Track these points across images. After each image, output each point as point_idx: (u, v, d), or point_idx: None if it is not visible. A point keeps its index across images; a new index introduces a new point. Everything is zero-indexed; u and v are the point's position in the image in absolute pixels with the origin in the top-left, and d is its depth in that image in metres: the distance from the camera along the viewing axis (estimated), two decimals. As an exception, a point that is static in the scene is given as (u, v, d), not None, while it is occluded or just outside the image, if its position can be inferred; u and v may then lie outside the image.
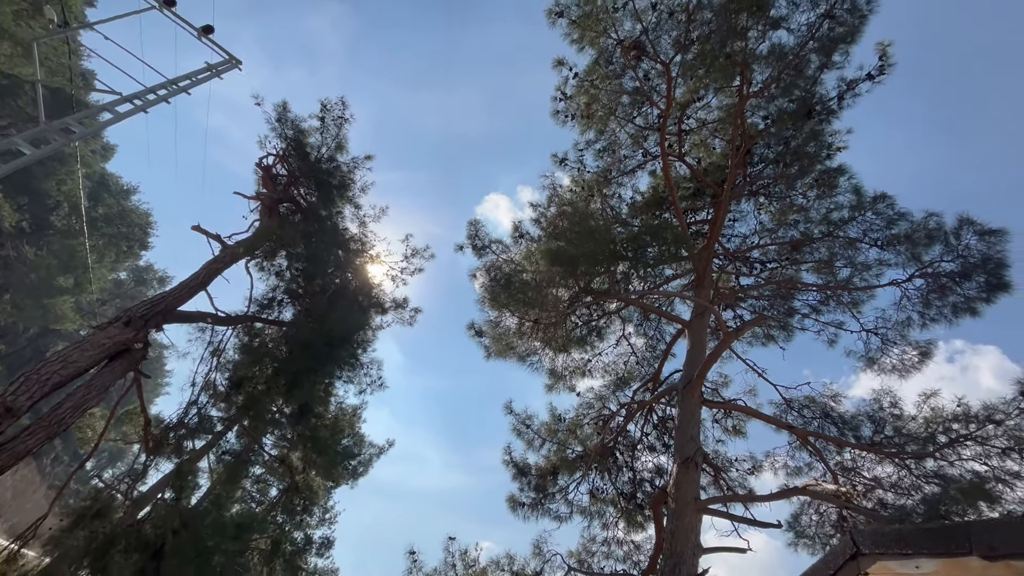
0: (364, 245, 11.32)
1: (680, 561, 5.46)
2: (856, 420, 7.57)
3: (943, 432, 6.66)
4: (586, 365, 9.47)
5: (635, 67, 7.44)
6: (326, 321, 9.59)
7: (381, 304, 11.79)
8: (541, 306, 5.94)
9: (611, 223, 7.82)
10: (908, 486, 6.96)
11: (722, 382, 9.45)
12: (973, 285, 6.39)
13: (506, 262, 7.66)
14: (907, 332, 7.11)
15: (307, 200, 10.68)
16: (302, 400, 9.80)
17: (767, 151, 8.75)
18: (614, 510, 8.90)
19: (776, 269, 9.32)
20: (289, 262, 9.85)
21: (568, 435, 8.67)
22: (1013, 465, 6.30)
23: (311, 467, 12.25)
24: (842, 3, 6.01)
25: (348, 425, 12.88)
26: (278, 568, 12.01)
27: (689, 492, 5.92)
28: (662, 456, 8.98)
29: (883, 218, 7.33)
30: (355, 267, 11.29)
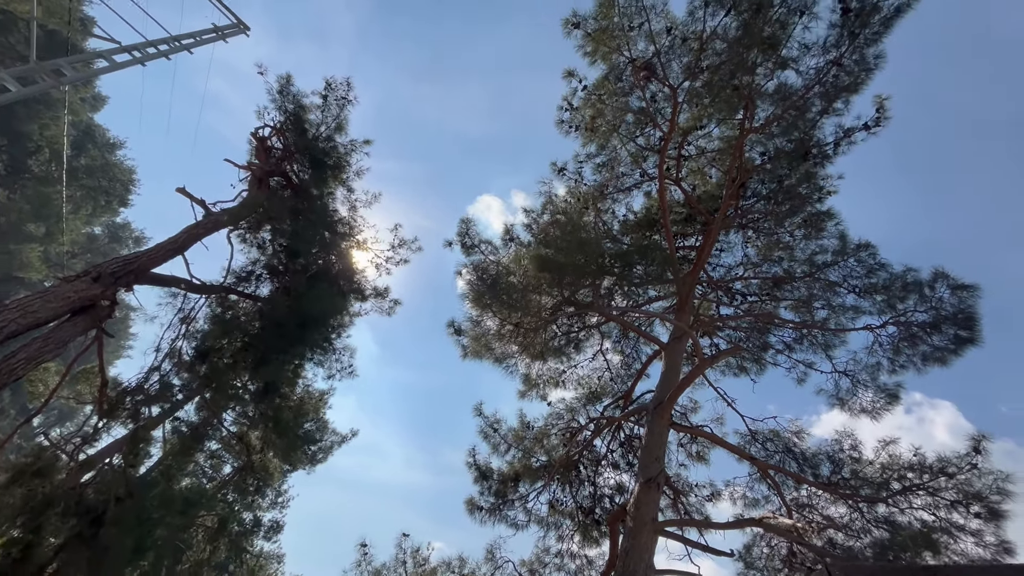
0: (352, 229, 11.17)
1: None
2: (816, 458, 7.72)
3: (897, 479, 6.84)
4: (560, 375, 9.48)
5: (644, 87, 7.52)
6: (304, 301, 9.42)
7: (362, 291, 11.64)
8: (524, 311, 5.92)
9: (602, 237, 7.87)
10: (858, 528, 7.11)
11: (692, 407, 9.55)
12: (943, 336, 6.59)
13: (493, 263, 7.63)
14: (877, 376, 7.29)
15: (299, 177, 10.50)
16: (269, 378, 9.59)
17: (761, 187, 8.91)
18: (571, 523, 8.89)
19: (756, 302, 9.49)
20: (273, 237, 9.66)
21: (535, 443, 8.65)
22: (959, 518, 6.48)
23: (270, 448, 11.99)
24: (851, 54, 6.17)
25: (313, 409, 12.64)
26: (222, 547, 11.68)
27: (648, 513, 5.94)
28: (625, 474, 9.02)
29: (864, 266, 7.52)
30: (340, 250, 11.14)
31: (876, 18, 5.87)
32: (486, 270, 6.74)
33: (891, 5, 5.77)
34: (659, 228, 9.13)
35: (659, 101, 7.82)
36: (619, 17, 6.95)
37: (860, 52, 6.18)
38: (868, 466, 7.11)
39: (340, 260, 11.02)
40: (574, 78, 7.74)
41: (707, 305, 9.95)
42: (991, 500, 6.07)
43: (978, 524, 6.17)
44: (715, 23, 6.86)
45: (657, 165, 8.16)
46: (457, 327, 8.04)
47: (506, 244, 8.79)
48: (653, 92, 7.72)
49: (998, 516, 6.00)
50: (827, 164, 7.93)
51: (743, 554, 7.52)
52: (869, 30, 5.97)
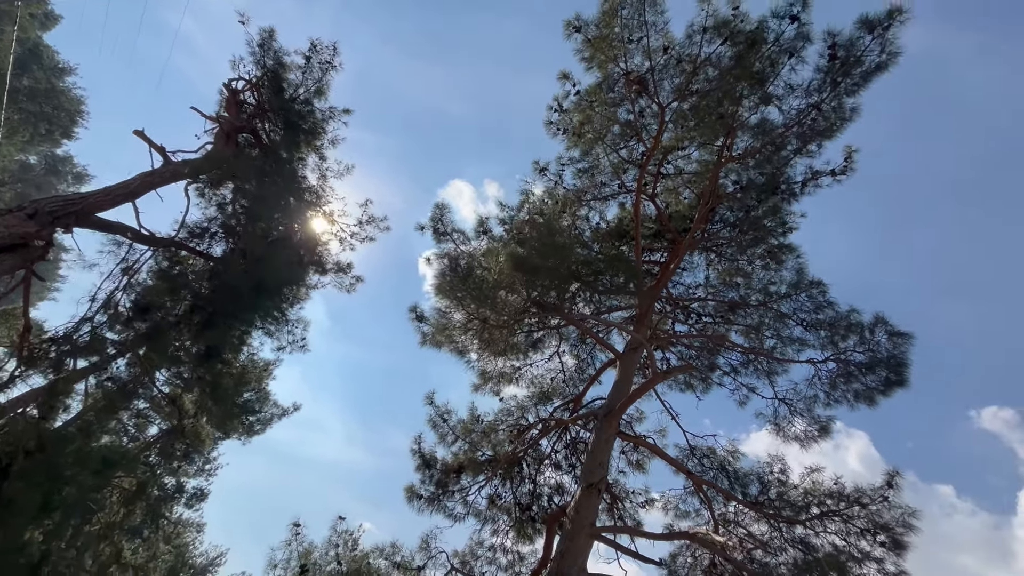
0: (320, 199, 10.77)
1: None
2: (747, 478, 8.13)
3: (817, 504, 7.31)
4: (516, 373, 9.53)
5: (634, 101, 7.62)
6: (261, 267, 9.02)
7: (323, 264, 11.27)
8: (493, 308, 5.91)
9: (574, 243, 7.94)
10: (776, 547, 7.56)
11: (638, 417, 9.83)
12: (875, 378, 7.08)
13: (464, 254, 7.56)
14: (813, 408, 7.75)
15: (270, 137, 10.02)
16: (213, 342, 9.15)
17: (729, 214, 9.25)
18: (508, 518, 8.99)
19: (710, 324, 9.87)
20: (235, 196, 9.18)
21: (482, 437, 8.67)
22: (866, 545, 7.01)
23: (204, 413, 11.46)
24: (831, 101, 6.48)
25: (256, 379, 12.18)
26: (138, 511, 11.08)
27: (587, 516, 6.09)
28: (566, 475, 9.20)
29: (814, 302, 7.96)
30: (305, 219, 10.72)
31: (858, 70, 6.19)
32: (457, 261, 6.67)
33: (872, 61, 6.10)
34: (629, 240, 9.31)
35: (647, 117, 7.95)
36: (620, 28, 7.00)
37: (839, 100, 6.50)
38: (793, 490, 7.55)
39: (304, 229, 10.61)
40: (568, 81, 7.75)
41: (664, 320, 10.26)
42: (896, 531, 6.58)
43: (882, 552, 6.68)
44: (710, 50, 7.03)
45: (636, 179, 8.31)
46: (420, 313, 7.93)
47: (479, 236, 8.73)
48: (642, 107, 7.84)
49: (901, 547, 6.51)
50: (793, 201, 8.32)
51: (668, 563, 7.84)
52: (850, 80, 6.29)
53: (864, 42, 6.02)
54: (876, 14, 5.84)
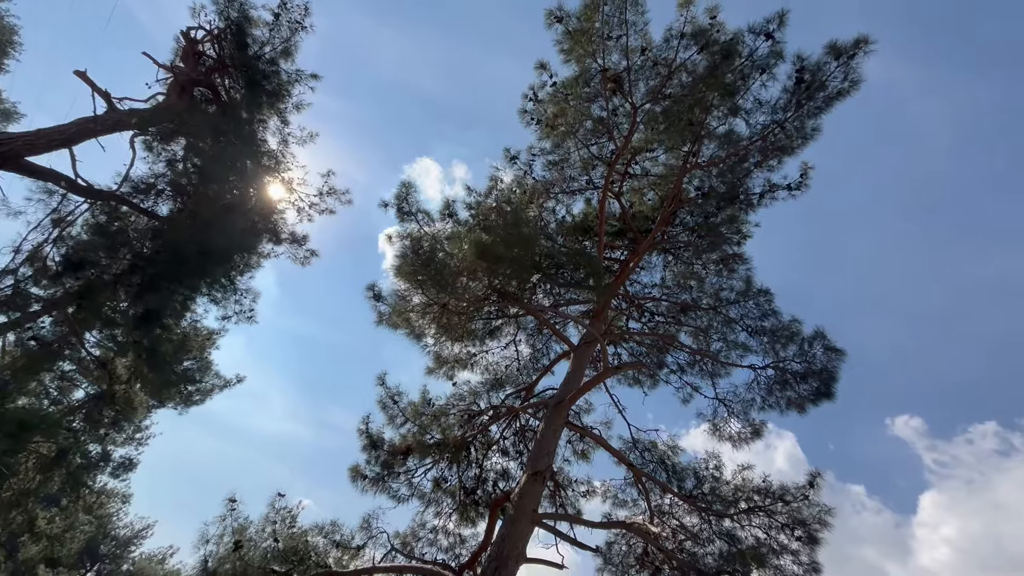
0: (279, 165, 10.30)
1: (502, 565, 5.70)
2: (684, 472, 8.53)
3: (745, 500, 7.77)
4: (471, 359, 9.55)
5: (609, 99, 7.68)
6: (211, 231, 8.57)
7: (277, 233, 10.82)
8: (453, 293, 5.87)
9: (539, 234, 7.98)
10: (705, 538, 8.00)
11: (586, 408, 10.08)
12: (807, 388, 7.56)
13: (428, 237, 7.45)
14: (749, 411, 8.19)
15: (230, 95, 9.45)
16: (153, 305, 8.65)
17: (689, 218, 9.54)
18: (452, 501, 9.06)
19: (662, 323, 10.21)
20: (187, 153, 8.64)
21: (432, 421, 8.66)
22: (785, 539, 7.52)
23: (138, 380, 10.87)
24: (795, 120, 6.77)
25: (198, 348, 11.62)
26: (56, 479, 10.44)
27: (530, 503, 6.22)
28: (513, 462, 9.35)
29: (760, 310, 8.37)
30: (261, 185, 10.24)
31: (821, 94, 6.49)
32: (420, 243, 6.56)
33: (835, 87, 6.40)
34: (592, 236, 9.44)
35: (619, 116, 8.04)
36: (601, 24, 7.01)
37: (802, 120, 6.80)
38: (725, 485, 7.99)
39: (260, 195, 10.14)
40: (545, 71, 7.72)
41: (619, 317, 10.51)
42: (813, 527, 7.10)
43: (798, 546, 7.20)
44: (686, 56, 7.17)
45: (604, 176, 8.42)
46: (377, 292, 7.77)
47: (444, 219, 8.61)
48: (616, 106, 7.92)
49: (815, 541, 7.04)
50: (750, 212, 8.67)
51: (604, 550, 8.15)
52: (813, 103, 6.58)
53: (830, 68, 6.31)
54: (843, 42, 6.12)
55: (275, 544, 6.98)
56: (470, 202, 9.12)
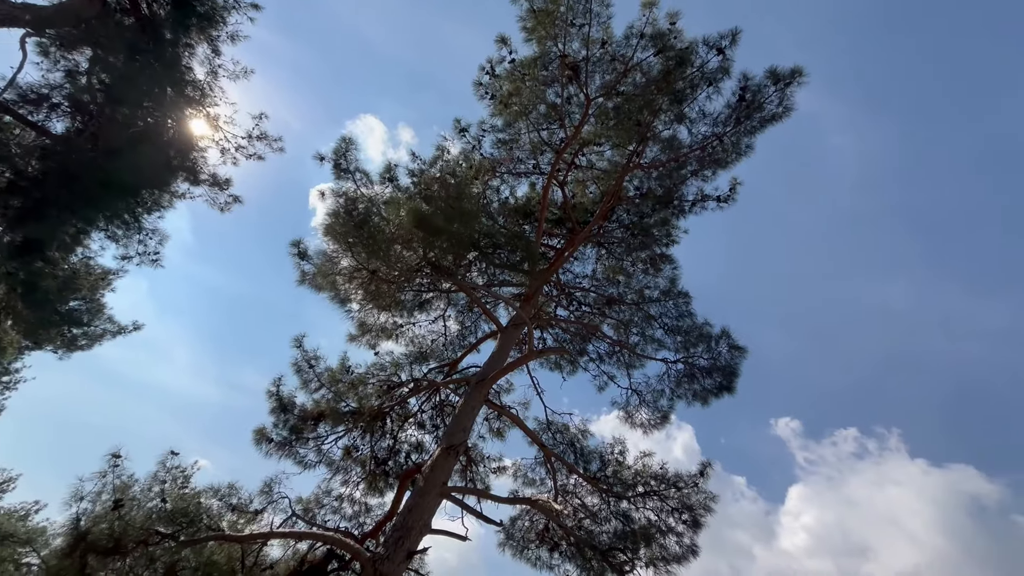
0: (204, 99, 9.36)
1: (406, 535, 5.73)
2: (591, 455, 8.99)
3: (643, 484, 8.34)
4: (397, 329, 9.36)
5: (564, 86, 7.70)
6: (115, 159, 7.66)
7: (196, 172, 9.89)
8: (385, 260, 5.68)
9: (480, 212, 7.92)
10: (603, 517, 8.52)
11: (507, 388, 10.27)
12: (712, 382, 8.20)
13: (364, 198, 7.13)
14: (658, 401, 8.75)
15: (152, 9, 8.39)
16: (35, 235, 7.65)
17: (626, 216, 9.88)
18: (362, 470, 8.94)
19: (587, 313, 10.57)
20: (93, 67, 7.60)
21: (349, 388, 8.44)
22: (672, 521, 8.19)
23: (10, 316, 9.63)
24: (732, 135, 7.17)
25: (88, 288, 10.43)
26: None
27: (441, 476, 6.28)
28: (428, 436, 9.36)
29: (678, 310, 8.91)
30: (182, 117, 9.26)
31: (758, 115, 6.91)
32: (355, 204, 6.27)
33: (771, 110, 6.85)
34: (533, 221, 9.52)
35: (573, 105, 8.09)
36: (566, 8, 6.97)
37: (739, 137, 7.22)
38: (626, 470, 8.52)
39: (179, 128, 9.17)
40: (506, 47, 7.57)
41: (549, 303, 10.75)
42: (698, 512, 7.78)
43: (683, 528, 7.87)
44: (643, 56, 7.32)
45: (551, 163, 8.48)
46: (303, 250, 7.35)
47: (383, 182, 8.28)
48: (571, 94, 7.96)
49: (698, 525, 7.72)
50: (681, 217, 9.13)
51: (508, 525, 8.44)
52: (751, 122, 7.00)
53: (769, 91, 6.73)
54: (782, 69, 6.55)
55: (162, 504, 6.53)
56: (413, 169, 8.84)
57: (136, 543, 5.82)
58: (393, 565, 5.44)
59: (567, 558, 8.58)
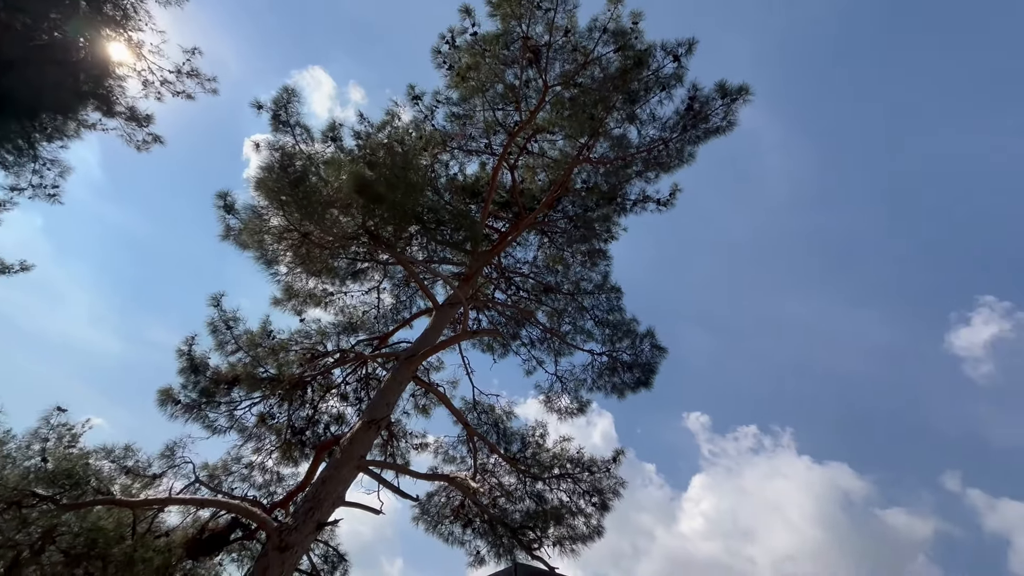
0: (127, 20, 8.35)
1: (317, 506, 5.61)
2: (513, 436, 9.20)
3: (559, 467, 8.68)
4: (326, 297, 9.01)
5: (524, 68, 7.63)
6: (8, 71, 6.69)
7: (110, 102, 8.86)
8: (320, 224, 5.39)
9: (426, 185, 7.73)
10: (518, 497, 8.78)
11: (437, 366, 10.25)
12: (631, 377, 8.62)
13: (303, 156, 6.72)
14: (580, 389, 9.08)
15: (70, -95, 7.32)
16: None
17: (571, 207, 10.04)
18: (277, 439, 8.62)
19: (524, 299, 10.71)
20: (-12, -39, 6.53)
21: (269, 354, 8.05)
22: (583, 504, 8.60)
23: None
24: (678, 142, 7.45)
25: (-34, 217, 9.10)
26: None
27: (360, 449, 6.17)
28: (350, 408, 9.16)
29: (609, 304, 9.24)
30: (97, 37, 8.22)
31: (704, 125, 7.23)
32: (292, 160, 5.89)
33: (716, 123, 7.18)
34: (480, 201, 9.44)
35: (530, 89, 8.04)
36: (533, -10, 6.87)
37: (684, 144, 7.51)
38: (545, 452, 8.81)
39: (92, 50, 8.15)
40: (469, 18, 7.37)
41: (488, 285, 10.77)
42: (607, 496, 8.22)
43: (592, 510, 8.29)
44: (603, 51, 7.39)
45: (504, 145, 8.41)
46: (230, 203, 6.82)
47: (326, 141, 7.86)
48: (529, 78, 7.90)
49: (606, 508, 8.17)
50: (622, 215, 9.41)
51: (424, 501, 8.49)
52: (696, 131, 7.31)
53: (716, 104, 7.05)
54: (731, 85, 6.87)
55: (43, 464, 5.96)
56: (360, 131, 8.45)
57: (7, 504, 5.27)
58: (301, 536, 5.32)
59: (479, 535, 8.80)
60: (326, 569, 8.09)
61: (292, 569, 5.55)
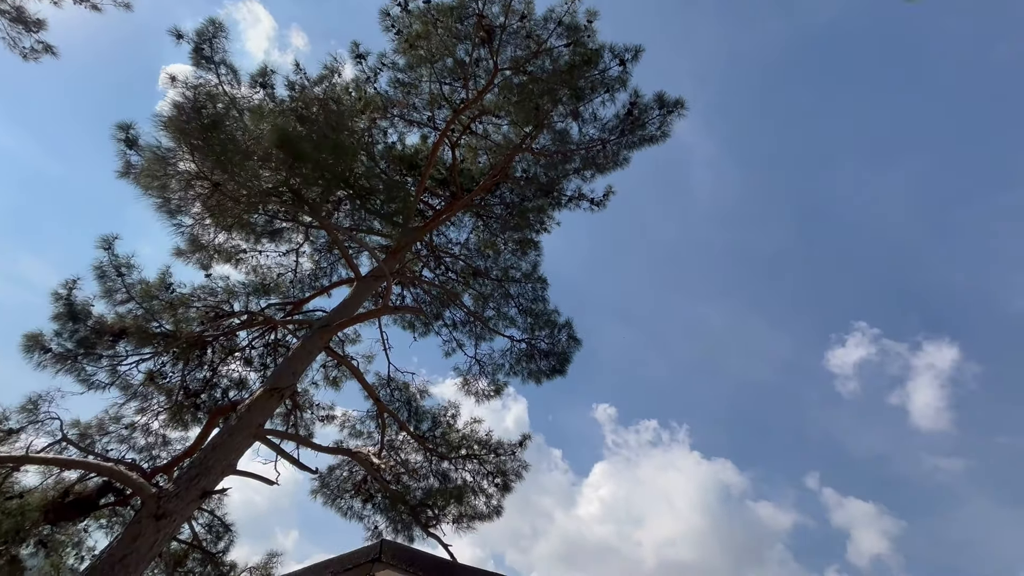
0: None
1: (204, 473, 5.30)
2: (424, 415, 9.20)
3: (467, 448, 8.80)
4: (238, 254, 8.41)
5: (476, 46, 7.49)
6: None
7: (-7, -3, 7.61)
8: (234, 175, 4.98)
9: (361, 150, 7.41)
10: (422, 474, 8.82)
11: (353, 338, 9.96)
12: (546, 364, 8.89)
13: (225, 97, 6.17)
14: (497, 373, 9.24)
15: None
16: None
17: (508, 194, 10.08)
18: (166, 400, 8.00)
19: (452, 280, 10.66)
20: None
21: (166, 308, 7.40)
22: (486, 484, 8.80)
23: None
24: (615, 144, 7.69)
25: None
26: None
27: (258, 417, 5.89)
28: (254, 374, 8.69)
29: (534, 294, 9.46)
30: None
31: (640, 132, 7.52)
32: (212, 101, 5.37)
33: (651, 131, 7.50)
34: (417, 175, 9.22)
35: (480, 69, 7.92)
36: (494, -33, 6.74)
37: (620, 147, 7.77)
38: (455, 433, 8.89)
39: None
40: (424, -17, 7.08)
41: (416, 262, 10.58)
42: (510, 477, 8.48)
43: (494, 491, 8.52)
44: (556, 44, 7.43)
45: (447, 121, 8.23)
46: (132, 137, 6.10)
47: (254, 85, 7.25)
48: (480, 57, 7.77)
49: (507, 488, 8.43)
50: (557, 209, 9.60)
51: (324, 474, 8.29)
52: (633, 137, 7.58)
53: (653, 113, 7.35)
54: (669, 97, 7.19)
55: None
56: (295, 82, 7.89)
57: None
58: (181, 503, 5.00)
59: (380, 510, 8.76)
60: (210, 539, 7.69)
61: (168, 538, 5.23)
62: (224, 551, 7.71)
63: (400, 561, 2.74)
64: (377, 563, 2.80)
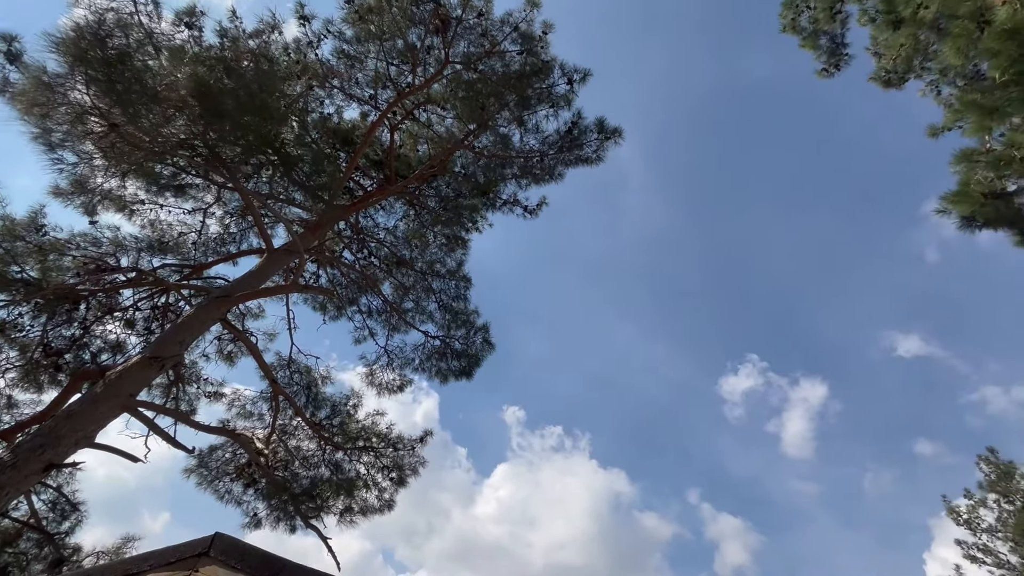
0: None
1: (53, 443, 4.70)
2: (324, 402, 8.81)
3: (364, 440, 8.55)
4: (134, 203, 7.57)
5: (429, 34, 7.35)
6: None
7: None
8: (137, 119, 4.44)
9: (291, 116, 6.98)
10: (314, 463, 8.45)
11: (256, 313, 9.35)
12: (457, 365, 8.87)
13: (141, 31, 5.53)
14: (405, 368, 9.06)
15: None
16: None
17: (444, 188, 9.97)
18: (20, 356, 7.01)
19: (374, 266, 10.33)
20: None
21: (33, 252, 6.49)
22: (380, 478, 8.60)
23: None
24: (553, 159, 7.88)
25: None
26: None
27: (131, 387, 5.33)
28: (135, 338, 7.86)
29: (457, 291, 9.40)
30: None
31: (577, 152, 7.77)
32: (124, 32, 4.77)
33: (587, 153, 7.78)
34: (350, 152, 8.84)
35: (431, 57, 7.78)
36: (458, -41, 6.66)
37: (556, 163, 7.98)
38: (355, 423, 8.61)
39: None
40: (384, -42, 6.83)
41: (337, 242, 10.13)
42: (406, 472, 8.36)
43: (388, 485, 8.36)
44: (510, 48, 7.48)
45: (390, 102, 8.00)
46: (15, 52, 5.23)
47: (179, 25, 6.57)
48: (432, 45, 7.63)
49: (402, 483, 8.30)
50: (491, 211, 9.64)
51: (204, 454, 7.67)
52: (569, 155, 7.81)
53: (591, 136, 7.63)
54: (608, 124, 7.50)
55: None
56: (229, 30, 7.25)
57: None
58: (18, 475, 4.41)
59: (262, 496, 8.26)
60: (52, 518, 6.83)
61: (-5, 514, 4.57)
62: (68, 532, 6.88)
63: (230, 557, 2.59)
64: (204, 557, 2.63)
